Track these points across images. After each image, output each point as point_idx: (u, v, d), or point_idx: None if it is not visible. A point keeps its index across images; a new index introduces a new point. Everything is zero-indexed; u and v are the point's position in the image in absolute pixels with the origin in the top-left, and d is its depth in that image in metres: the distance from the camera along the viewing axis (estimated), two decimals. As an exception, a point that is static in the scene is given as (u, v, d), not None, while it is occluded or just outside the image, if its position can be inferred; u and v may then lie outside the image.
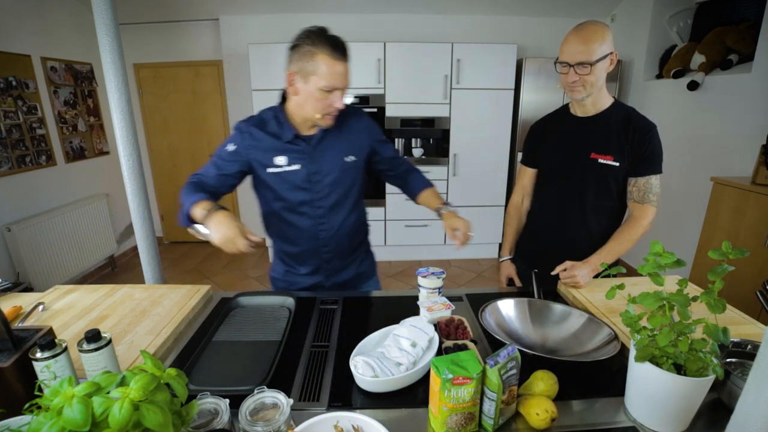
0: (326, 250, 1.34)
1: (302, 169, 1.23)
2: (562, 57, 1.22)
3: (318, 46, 1.07)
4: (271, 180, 1.25)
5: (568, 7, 3.67)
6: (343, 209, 1.31)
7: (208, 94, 4.10)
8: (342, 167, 1.27)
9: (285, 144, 1.22)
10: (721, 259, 0.68)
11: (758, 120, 2.43)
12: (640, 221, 1.29)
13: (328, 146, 1.25)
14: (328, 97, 1.12)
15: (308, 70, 1.09)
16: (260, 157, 1.23)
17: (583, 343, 0.99)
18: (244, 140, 1.23)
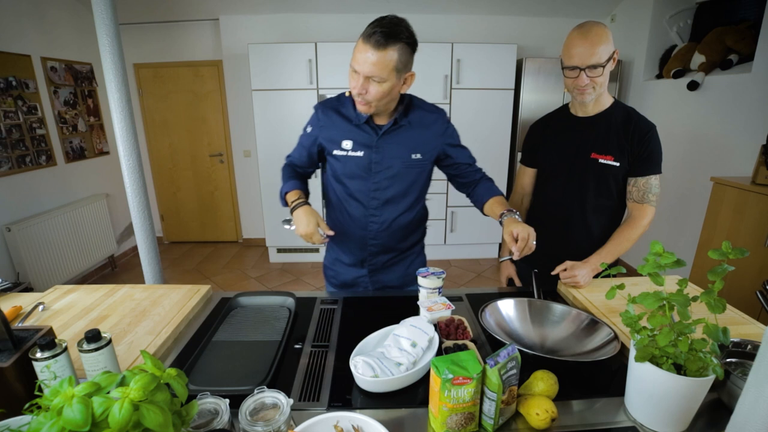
0: (374, 243, 1.34)
1: (365, 156, 1.24)
2: (571, 61, 1.20)
3: (366, 29, 1.08)
4: (335, 162, 1.28)
5: (568, 7, 3.67)
6: (398, 205, 1.30)
7: (208, 94, 4.10)
8: (406, 163, 1.26)
9: (354, 128, 1.23)
10: (721, 259, 0.68)
11: (758, 120, 2.43)
12: (640, 221, 1.29)
13: (396, 139, 1.24)
14: (354, 78, 1.13)
15: None
16: (330, 138, 1.26)
17: (583, 343, 0.99)
18: (319, 120, 1.27)
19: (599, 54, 1.16)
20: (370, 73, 1.10)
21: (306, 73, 3.46)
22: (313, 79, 3.48)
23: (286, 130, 3.61)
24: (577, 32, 1.19)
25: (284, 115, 3.57)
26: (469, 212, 3.78)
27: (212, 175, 4.34)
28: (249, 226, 4.42)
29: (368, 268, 1.38)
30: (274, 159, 3.68)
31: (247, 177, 4.22)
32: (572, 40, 1.19)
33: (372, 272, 1.39)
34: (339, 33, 3.79)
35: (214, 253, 4.28)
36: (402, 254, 1.40)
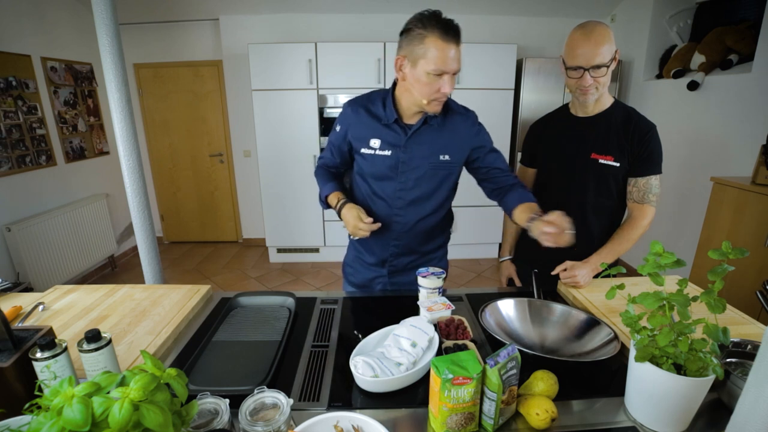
0: (395, 244, 1.33)
1: (392, 156, 1.22)
2: (575, 61, 1.19)
3: (429, 29, 1.03)
4: (362, 160, 1.27)
5: (568, 7, 3.67)
6: (424, 207, 1.28)
7: (208, 94, 4.10)
8: (433, 164, 1.23)
9: (383, 127, 1.22)
10: (721, 259, 0.68)
11: (758, 120, 2.43)
12: (640, 221, 1.29)
13: (425, 140, 1.22)
14: (437, 82, 1.07)
15: (417, 53, 1.06)
16: (358, 136, 1.25)
17: (583, 343, 0.99)
18: (348, 118, 1.26)
19: (603, 54, 1.16)
20: (458, 68, 1.08)
21: (306, 73, 3.46)
22: (313, 79, 3.48)
23: (286, 130, 3.61)
24: (581, 32, 1.18)
25: (284, 115, 3.57)
26: (470, 212, 3.77)
27: (212, 175, 4.34)
28: (249, 226, 4.42)
29: (388, 268, 1.37)
30: (274, 159, 3.68)
31: (247, 177, 4.22)
32: (575, 40, 1.18)
33: (392, 273, 1.38)
34: (339, 33, 3.79)
35: (214, 253, 4.28)
36: (424, 257, 1.38)
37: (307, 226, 3.87)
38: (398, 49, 1.11)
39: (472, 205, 3.78)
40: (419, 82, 1.09)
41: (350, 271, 1.46)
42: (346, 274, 1.49)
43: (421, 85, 1.09)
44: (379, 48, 3.42)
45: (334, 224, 3.85)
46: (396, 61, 1.12)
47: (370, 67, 3.46)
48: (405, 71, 1.11)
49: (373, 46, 3.42)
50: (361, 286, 1.45)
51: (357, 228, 1.17)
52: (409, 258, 1.36)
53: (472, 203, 3.80)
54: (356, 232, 1.18)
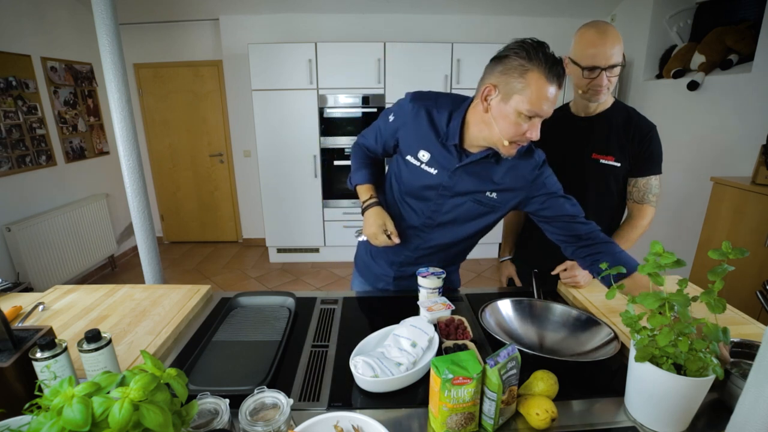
0: (408, 255, 1.26)
1: (437, 176, 1.11)
2: (592, 61, 1.17)
3: (534, 62, 0.90)
4: (404, 167, 1.16)
5: (568, 7, 3.67)
6: (449, 234, 1.19)
7: (208, 94, 4.10)
8: (477, 199, 1.12)
9: (438, 144, 1.09)
10: (721, 259, 0.68)
11: (758, 120, 2.43)
12: (640, 221, 1.29)
13: (477, 171, 1.09)
14: (525, 124, 0.95)
15: (513, 87, 0.92)
16: (408, 141, 1.13)
17: (583, 343, 0.99)
18: (405, 115, 1.12)
19: (618, 54, 1.16)
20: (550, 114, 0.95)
21: (306, 73, 3.46)
22: (313, 79, 3.48)
23: (286, 130, 3.61)
24: (595, 31, 1.16)
25: (284, 115, 3.57)
26: (469, 212, 3.77)
27: (212, 175, 4.34)
28: (249, 226, 4.42)
29: (395, 272, 1.32)
30: (274, 159, 3.68)
31: (247, 177, 4.22)
32: (590, 39, 1.16)
33: (397, 279, 1.34)
34: (339, 33, 3.79)
35: (214, 253, 4.28)
36: None
37: (307, 226, 3.87)
38: (488, 75, 0.98)
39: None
40: (506, 120, 0.95)
41: (360, 261, 1.45)
42: (357, 265, 1.47)
43: (507, 123, 0.95)
44: (379, 48, 3.42)
45: (334, 224, 3.85)
46: (483, 89, 0.97)
47: (370, 67, 3.46)
48: (491, 102, 0.97)
49: (373, 46, 3.42)
50: (366, 278, 1.43)
51: (375, 237, 1.12)
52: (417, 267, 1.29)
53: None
54: (373, 240, 1.13)
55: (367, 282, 1.44)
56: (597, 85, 1.20)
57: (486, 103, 0.98)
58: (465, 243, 1.24)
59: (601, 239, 1.08)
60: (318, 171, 3.70)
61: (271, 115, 3.58)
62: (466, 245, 1.27)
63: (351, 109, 3.59)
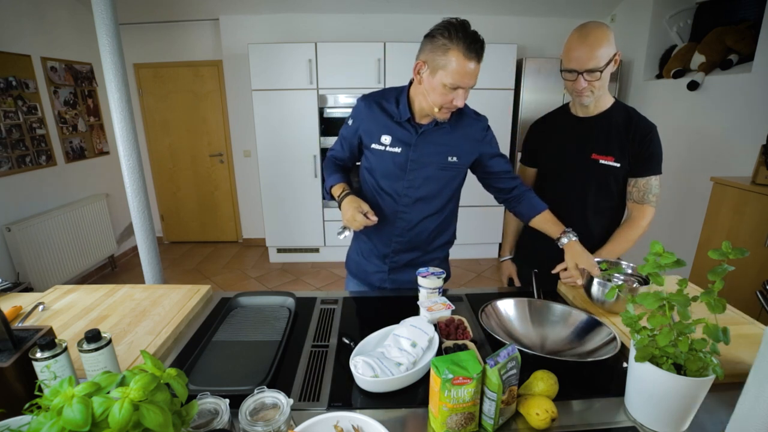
0: (398, 240, 1.33)
1: (402, 153, 1.24)
2: (570, 65, 1.19)
3: (454, 41, 1.03)
4: (371, 156, 1.28)
5: (568, 7, 3.67)
6: (428, 206, 1.30)
7: (208, 94, 4.10)
8: (441, 165, 1.25)
9: (395, 124, 1.23)
10: (721, 259, 0.68)
11: (758, 120, 2.43)
12: (639, 221, 1.29)
13: (435, 140, 1.23)
14: (451, 93, 1.09)
15: (438, 63, 1.06)
16: (369, 131, 1.26)
17: (583, 343, 0.99)
18: (360, 113, 1.28)
19: (598, 58, 1.15)
20: (474, 84, 1.10)
21: (306, 73, 3.46)
22: (313, 79, 3.48)
23: (286, 130, 3.61)
24: (577, 35, 1.17)
25: (284, 115, 3.57)
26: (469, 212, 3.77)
27: (212, 175, 4.34)
28: (249, 226, 4.42)
29: (389, 264, 1.37)
30: (274, 159, 3.68)
31: (247, 177, 4.22)
32: (571, 42, 1.18)
33: (392, 270, 1.38)
34: (339, 33, 3.79)
35: (214, 253, 4.28)
36: (425, 255, 1.38)
37: (307, 226, 3.87)
38: (420, 52, 1.11)
39: (472, 205, 3.78)
40: (434, 91, 1.10)
41: (353, 264, 1.47)
42: (349, 267, 1.49)
43: (435, 93, 1.10)
44: (379, 48, 3.42)
45: (334, 224, 3.85)
46: (416, 65, 1.12)
47: (370, 67, 3.46)
48: (423, 76, 1.12)
49: (373, 46, 3.42)
50: (361, 279, 1.45)
51: (353, 219, 1.17)
52: (410, 255, 1.36)
53: (472, 203, 3.79)
54: (351, 223, 1.18)
55: (362, 283, 1.45)
56: (576, 88, 1.21)
57: (419, 76, 1.13)
58: (443, 212, 1.34)
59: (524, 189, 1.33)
60: (318, 171, 3.70)
61: (271, 115, 3.58)
62: (445, 214, 1.35)
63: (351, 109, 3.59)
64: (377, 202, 1.31)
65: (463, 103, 1.12)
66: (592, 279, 1.10)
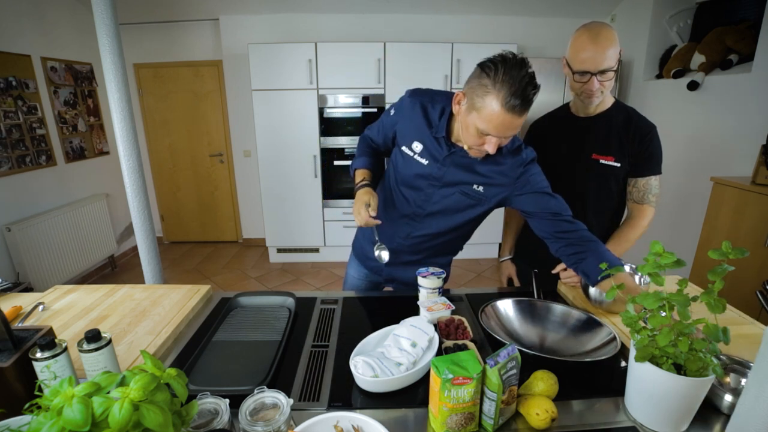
0: (399, 243, 1.30)
1: (428, 166, 1.17)
2: (582, 66, 1.17)
3: (497, 86, 0.92)
4: (400, 156, 1.23)
5: (568, 7, 3.67)
6: (438, 224, 1.24)
7: (208, 94, 4.10)
8: (464, 190, 1.17)
9: (431, 136, 1.15)
10: (721, 259, 0.68)
11: (758, 120, 2.43)
12: (639, 221, 1.29)
13: (465, 164, 1.14)
14: (482, 138, 1.00)
15: (474, 103, 0.97)
16: (404, 133, 1.20)
17: (583, 343, 0.99)
18: (403, 109, 1.20)
19: (610, 58, 1.14)
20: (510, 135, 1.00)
21: (306, 73, 3.46)
22: (313, 79, 3.48)
23: (286, 130, 3.61)
24: (587, 35, 1.15)
25: (284, 115, 3.57)
26: (469, 212, 3.78)
27: (212, 175, 4.34)
28: (249, 226, 4.42)
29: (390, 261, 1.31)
30: (274, 159, 3.68)
31: (247, 177, 4.22)
32: (582, 43, 1.16)
33: (389, 265, 1.32)
34: (339, 33, 3.79)
35: (214, 253, 4.28)
36: (428, 259, 1.34)
37: (307, 226, 3.87)
38: (468, 81, 1.02)
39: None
40: (466, 130, 1.02)
41: (357, 244, 1.48)
42: (354, 245, 1.50)
43: (467, 132, 1.02)
44: (379, 48, 3.42)
45: (334, 224, 3.85)
46: (456, 95, 1.05)
47: (370, 67, 3.46)
48: (460, 107, 1.04)
49: (373, 46, 3.42)
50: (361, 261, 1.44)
51: (358, 212, 1.14)
52: (410, 257, 1.34)
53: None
54: (356, 215, 1.15)
55: (361, 264, 1.45)
56: (588, 89, 1.20)
57: (458, 107, 1.05)
58: (453, 234, 1.28)
59: (587, 238, 1.10)
60: (318, 171, 3.70)
61: (271, 115, 3.58)
62: (455, 236, 1.29)
63: (351, 109, 3.59)
64: (393, 199, 1.28)
65: (494, 150, 1.00)
66: None
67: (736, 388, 0.82)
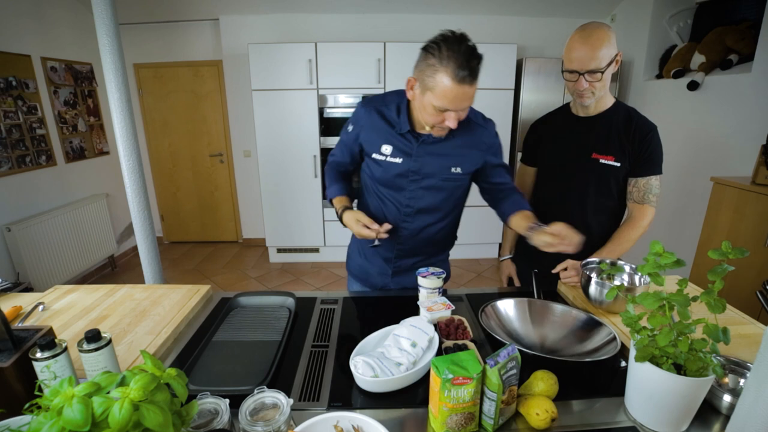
0: (400, 248, 1.32)
1: (403, 164, 1.20)
2: (571, 65, 1.19)
3: (443, 62, 0.96)
4: (373, 165, 1.25)
5: (568, 7, 3.67)
6: (431, 215, 1.27)
7: (208, 94, 4.10)
8: (444, 176, 1.21)
9: (395, 134, 1.19)
10: (721, 259, 0.68)
11: (758, 120, 2.43)
12: (640, 221, 1.29)
13: (438, 152, 1.18)
14: (441, 115, 1.05)
15: (426, 84, 1.01)
16: (370, 140, 1.22)
17: (583, 343, 0.99)
18: (360, 120, 1.23)
19: (599, 59, 1.14)
20: (466, 106, 1.05)
21: (306, 73, 3.46)
22: (313, 79, 3.48)
23: (286, 130, 3.61)
24: (579, 35, 1.17)
25: (284, 115, 3.57)
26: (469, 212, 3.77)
27: (212, 175, 4.34)
28: (249, 226, 4.42)
29: (393, 268, 1.37)
30: (274, 159, 3.68)
31: (247, 177, 4.22)
32: (573, 43, 1.18)
33: (395, 273, 1.37)
34: (339, 33, 3.79)
35: (214, 253, 4.28)
36: (428, 259, 1.37)
37: (307, 226, 3.87)
38: (415, 65, 1.05)
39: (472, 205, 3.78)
40: (424, 110, 1.06)
41: (354, 266, 1.46)
42: (350, 268, 1.48)
43: (426, 113, 1.06)
44: (379, 48, 3.42)
45: (334, 224, 3.85)
46: (408, 80, 1.08)
47: (370, 67, 3.46)
48: (415, 92, 1.08)
49: (373, 46, 3.42)
50: (363, 280, 1.44)
51: (360, 234, 1.16)
52: (413, 260, 1.36)
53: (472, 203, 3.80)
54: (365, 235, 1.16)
55: (364, 284, 1.44)
56: (577, 89, 1.21)
57: (412, 92, 1.09)
58: (445, 221, 1.32)
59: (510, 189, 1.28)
60: (318, 171, 3.70)
61: (271, 115, 3.58)
62: (447, 222, 1.33)
63: (351, 109, 3.59)
64: (381, 209, 1.29)
65: (455, 124, 1.06)
66: (590, 279, 1.10)
67: (735, 388, 0.82)
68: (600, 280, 1.10)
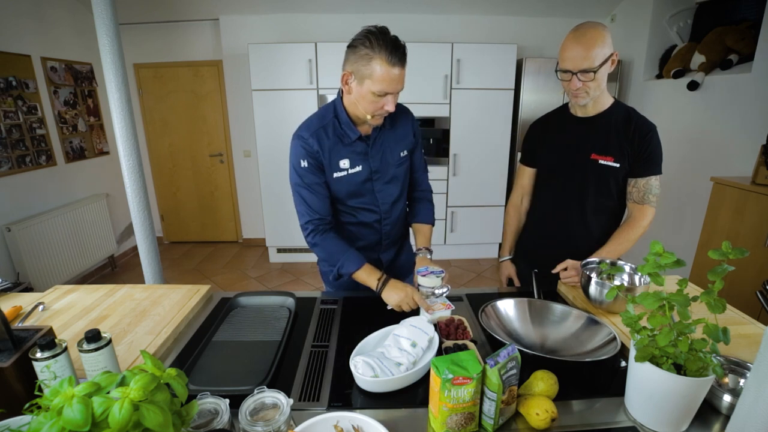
0: (387, 241, 1.40)
1: (363, 170, 1.26)
2: (564, 65, 1.19)
3: (375, 50, 1.05)
4: (337, 184, 1.25)
5: (567, 7, 3.67)
6: (400, 200, 1.38)
7: (208, 94, 4.10)
8: (398, 162, 1.31)
9: (346, 146, 1.23)
10: (721, 259, 0.68)
11: (758, 120, 2.43)
12: (640, 222, 1.29)
13: (385, 144, 1.28)
14: (380, 100, 1.11)
15: (363, 73, 1.08)
16: (327, 163, 1.23)
17: (583, 343, 0.99)
18: (311, 149, 1.20)
19: (592, 58, 1.14)
20: (401, 88, 1.12)
21: (306, 73, 3.46)
22: (313, 79, 3.48)
23: (286, 130, 3.60)
24: (572, 35, 1.17)
25: (284, 115, 3.57)
26: (469, 212, 3.78)
27: (212, 175, 4.34)
28: (249, 226, 4.42)
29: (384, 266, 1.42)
30: (274, 159, 3.68)
31: (247, 177, 4.22)
32: (567, 42, 1.18)
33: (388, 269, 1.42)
34: (339, 33, 3.79)
35: (214, 253, 4.28)
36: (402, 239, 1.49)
37: (307, 226, 3.86)
38: (345, 62, 1.12)
39: (472, 205, 3.78)
40: (364, 99, 1.12)
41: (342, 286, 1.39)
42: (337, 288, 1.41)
43: (366, 102, 1.12)
44: (379, 48, 3.42)
45: (334, 224, 3.85)
46: (343, 76, 1.13)
47: (370, 67, 3.46)
48: (351, 86, 1.13)
49: (373, 46, 3.42)
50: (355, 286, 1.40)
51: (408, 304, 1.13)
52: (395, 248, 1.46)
53: (472, 203, 3.80)
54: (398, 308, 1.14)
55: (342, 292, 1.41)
56: (571, 88, 1.21)
57: (348, 86, 1.15)
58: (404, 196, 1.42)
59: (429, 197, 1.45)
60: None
61: (271, 115, 3.58)
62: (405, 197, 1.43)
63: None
64: (359, 218, 1.33)
65: (394, 107, 1.14)
66: (590, 279, 1.10)
67: (735, 388, 0.82)
68: (600, 280, 1.10)
